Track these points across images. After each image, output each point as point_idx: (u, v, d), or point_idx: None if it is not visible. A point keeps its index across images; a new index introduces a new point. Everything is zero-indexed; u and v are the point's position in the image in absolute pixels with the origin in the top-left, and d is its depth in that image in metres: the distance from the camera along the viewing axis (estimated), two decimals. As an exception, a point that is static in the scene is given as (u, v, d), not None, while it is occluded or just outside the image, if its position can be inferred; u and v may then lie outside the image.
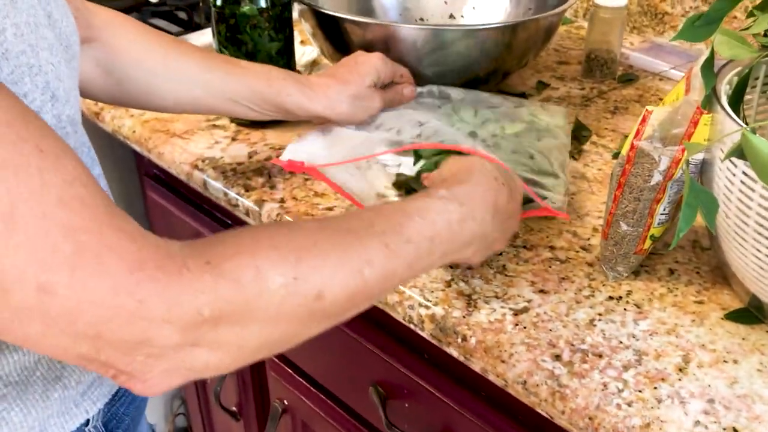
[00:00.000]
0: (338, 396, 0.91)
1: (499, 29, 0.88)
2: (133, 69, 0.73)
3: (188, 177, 0.87)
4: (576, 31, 1.24)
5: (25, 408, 0.56)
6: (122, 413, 0.68)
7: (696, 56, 1.10)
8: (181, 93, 0.75)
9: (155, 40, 0.74)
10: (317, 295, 0.45)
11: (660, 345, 0.60)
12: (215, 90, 0.75)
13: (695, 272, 0.69)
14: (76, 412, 0.60)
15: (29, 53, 0.46)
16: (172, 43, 0.75)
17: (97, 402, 0.62)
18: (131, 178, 1.18)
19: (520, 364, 0.59)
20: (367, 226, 0.50)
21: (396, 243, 0.50)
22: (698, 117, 0.59)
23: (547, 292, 0.66)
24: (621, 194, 0.64)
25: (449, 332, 0.63)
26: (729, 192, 0.58)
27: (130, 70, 0.73)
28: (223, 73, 0.75)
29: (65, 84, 0.49)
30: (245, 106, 0.76)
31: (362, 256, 0.48)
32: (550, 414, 0.58)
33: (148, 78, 0.74)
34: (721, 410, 0.55)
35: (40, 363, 0.55)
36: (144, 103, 0.76)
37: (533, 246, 0.72)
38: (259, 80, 0.75)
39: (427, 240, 0.52)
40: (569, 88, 1.04)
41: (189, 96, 0.75)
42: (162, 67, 0.74)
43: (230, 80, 0.75)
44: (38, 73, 0.46)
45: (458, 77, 0.90)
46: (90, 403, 0.61)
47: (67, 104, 0.49)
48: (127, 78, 0.73)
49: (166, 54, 0.74)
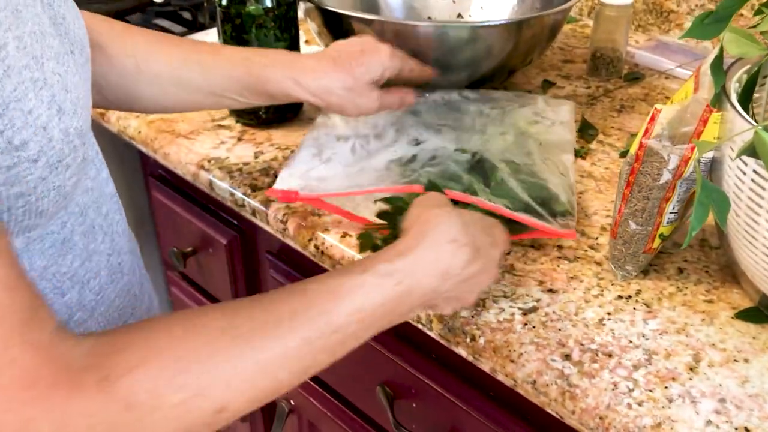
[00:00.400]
0: (345, 396, 0.90)
1: (505, 26, 0.88)
2: (107, 78, 0.70)
3: (194, 177, 0.87)
4: (581, 29, 1.24)
5: None
6: None
7: (702, 55, 1.10)
8: (158, 95, 0.72)
9: (128, 40, 0.71)
10: (219, 408, 0.44)
11: (670, 344, 0.60)
12: (193, 87, 0.72)
13: (704, 271, 0.68)
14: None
15: (33, 66, 0.44)
16: (144, 42, 0.72)
17: None
18: (136, 179, 1.18)
19: (529, 364, 0.59)
20: (290, 318, 0.47)
21: (320, 336, 0.48)
22: (708, 115, 0.59)
23: (556, 292, 0.66)
24: (630, 193, 0.64)
25: (458, 332, 0.63)
26: (739, 190, 0.58)
27: (105, 79, 0.70)
28: (199, 68, 0.71)
29: (73, 94, 0.47)
30: (229, 98, 0.73)
31: (277, 361, 0.46)
32: (560, 414, 0.58)
33: (123, 85, 0.71)
34: (732, 410, 0.54)
35: None
36: (127, 107, 0.74)
37: (541, 245, 0.72)
38: (238, 69, 0.71)
39: (357, 322, 0.50)
40: (575, 86, 1.04)
41: (168, 97, 0.73)
42: (135, 70, 0.70)
43: (208, 74, 0.71)
44: (43, 86, 0.44)
45: (464, 74, 0.90)
46: None
47: (75, 116, 0.47)
48: (104, 85, 0.70)
49: (138, 55, 0.71)
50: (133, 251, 0.65)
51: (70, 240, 0.53)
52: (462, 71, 0.90)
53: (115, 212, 0.61)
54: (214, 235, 0.97)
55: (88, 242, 0.56)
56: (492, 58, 0.89)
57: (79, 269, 0.55)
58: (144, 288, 0.67)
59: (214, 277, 1.04)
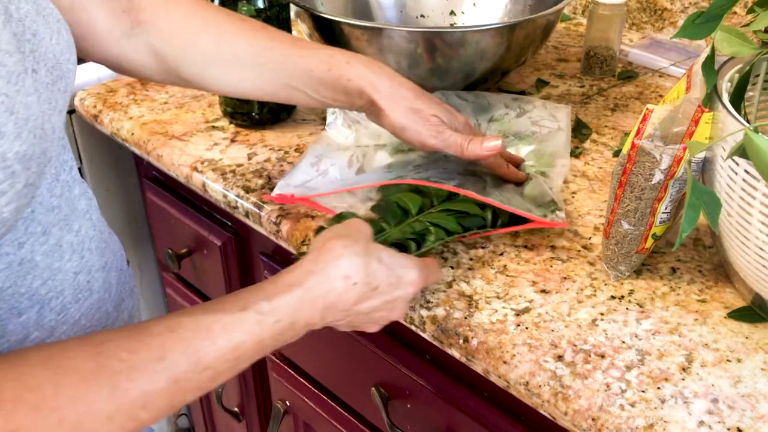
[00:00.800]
0: (340, 397, 0.90)
1: (497, 29, 0.88)
2: (184, 53, 0.69)
3: (187, 179, 0.87)
4: (575, 28, 1.24)
5: None
6: None
7: (696, 53, 1.10)
8: (233, 79, 0.71)
9: (211, 18, 0.70)
10: None
11: (663, 344, 0.60)
12: (271, 75, 0.70)
13: (697, 271, 0.68)
14: None
15: None
16: (228, 23, 0.70)
17: None
18: (131, 181, 1.18)
19: (522, 365, 0.59)
20: (158, 359, 0.46)
21: (189, 375, 0.47)
22: (699, 115, 0.59)
23: (549, 292, 0.66)
24: (622, 193, 0.64)
25: (451, 333, 0.63)
26: (731, 191, 0.58)
27: (182, 54, 0.69)
28: (282, 58, 0.70)
29: (20, 116, 0.44)
30: (303, 91, 0.71)
31: (139, 403, 0.45)
32: (553, 415, 0.58)
33: (201, 63, 0.70)
34: (725, 410, 0.54)
35: None
36: (202, 87, 0.73)
37: (534, 246, 0.71)
38: (320, 64, 0.69)
39: (231, 360, 0.50)
40: (569, 85, 1.04)
41: (243, 82, 0.71)
42: (215, 50, 0.69)
43: (288, 64, 0.70)
44: None
45: (456, 77, 0.90)
46: None
47: (18, 140, 0.43)
48: (180, 63, 0.69)
49: (220, 36, 0.69)
50: (109, 267, 0.63)
51: (30, 260, 0.52)
52: (455, 75, 0.90)
53: (88, 229, 0.60)
54: (209, 236, 0.97)
55: (51, 261, 0.54)
56: (485, 60, 0.89)
57: (41, 288, 0.53)
58: (124, 305, 0.65)
59: (209, 278, 1.04)
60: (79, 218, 0.58)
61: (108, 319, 0.62)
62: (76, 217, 0.58)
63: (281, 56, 0.70)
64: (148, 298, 1.31)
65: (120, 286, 0.65)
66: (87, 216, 0.60)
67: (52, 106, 0.50)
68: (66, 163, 0.59)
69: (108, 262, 0.62)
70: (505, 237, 0.72)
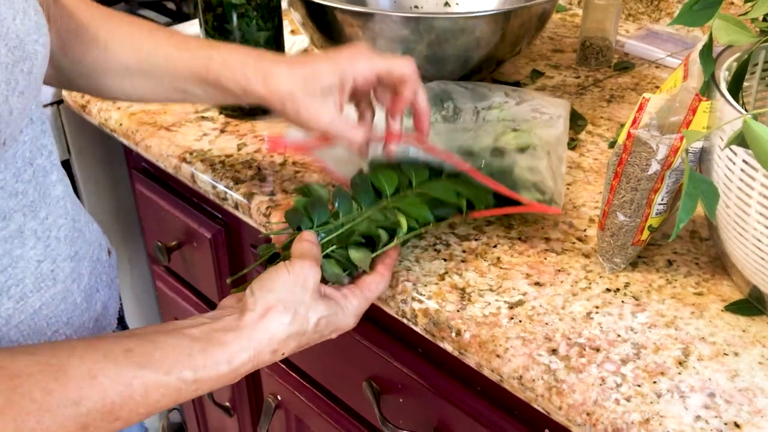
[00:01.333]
0: (332, 391, 0.89)
1: (492, 16, 0.86)
2: (82, 60, 0.68)
3: (176, 170, 0.85)
4: (570, 18, 1.22)
5: None
6: None
7: (692, 43, 1.08)
8: (126, 86, 0.70)
9: (106, 25, 0.68)
10: None
11: (659, 338, 0.59)
12: (158, 81, 0.68)
13: (694, 263, 0.67)
14: None
15: None
16: (120, 31, 0.68)
17: None
18: (121, 172, 1.17)
19: (515, 359, 0.58)
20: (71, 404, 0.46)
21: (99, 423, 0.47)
22: (697, 104, 0.58)
23: (543, 285, 0.65)
24: (618, 184, 0.62)
25: (443, 326, 0.62)
26: (729, 181, 0.56)
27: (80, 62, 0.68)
28: (164, 62, 0.68)
29: None
30: (192, 93, 0.69)
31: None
32: (547, 410, 0.57)
33: (92, 76, 0.69)
34: (722, 404, 0.53)
35: None
36: (98, 95, 0.72)
37: (528, 237, 0.70)
38: (200, 67, 0.66)
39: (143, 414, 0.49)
40: (564, 76, 1.02)
41: (136, 89, 0.70)
42: (104, 59, 0.68)
43: (172, 69, 0.68)
44: None
45: (451, 65, 0.89)
46: None
47: None
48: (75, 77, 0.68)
49: (109, 44, 0.68)
50: (81, 257, 0.61)
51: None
52: (450, 63, 0.88)
53: (59, 217, 0.58)
54: (199, 228, 0.96)
55: (11, 248, 0.53)
56: (480, 48, 0.88)
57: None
58: (98, 296, 0.64)
59: (199, 271, 1.03)
60: (49, 205, 0.57)
61: (75, 310, 0.61)
62: (45, 204, 0.57)
63: (165, 61, 0.68)
64: (138, 291, 1.29)
65: (94, 277, 0.63)
66: (60, 204, 0.59)
67: (11, 87, 0.49)
68: (45, 147, 0.57)
69: (79, 252, 0.61)
70: (498, 229, 0.71)
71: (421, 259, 0.68)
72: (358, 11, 0.86)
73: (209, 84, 0.67)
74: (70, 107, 1.01)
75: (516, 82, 1.00)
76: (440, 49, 0.86)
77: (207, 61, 0.66)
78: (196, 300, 1.08)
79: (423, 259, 0.68)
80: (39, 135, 0.57)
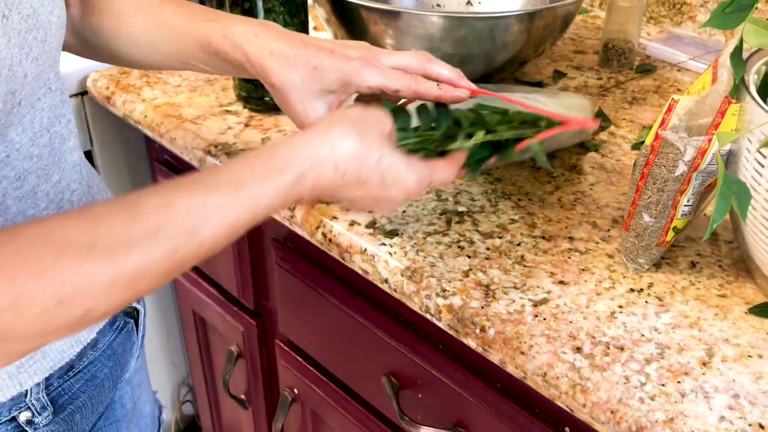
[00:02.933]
0: (349, 386, 0.90)
1: (517, 17, 0.87)
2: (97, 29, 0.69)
3: (201, 163, 0.86)
4: (592, 20, 1.23)
5: None
6: (77, 389, 0.66)
7: (714, 47, 1.08)
8: (136, 55, 0.70)
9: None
10: (84, 313, 0.44)
11: (683, 338, 0.59)
12: (166, 52, 0.69)
13: (717, 265, 0.67)
14: (8, 384, 0.60)
15: None
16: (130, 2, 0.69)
17: (34, 376, 0.61)
18: (142, 165, 1.17)
19: (540, 356, 0.58)
20: (153, 233, 0.46)
21: (185, 247, 0.48)
22: (726, 106, 0.58)
23: (567, 284, 0.65)
24: (644, 185, 0.63)
25: (467, 323, 0.62)
26: (756, 184, 0.57)
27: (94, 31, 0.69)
28: (171, 35, 0.68)
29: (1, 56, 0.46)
30: (199, 66, 0.69)
31: (138, 271, 0.46)
32: (571, 407, 0.57)
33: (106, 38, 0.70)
34: (746, 405, 0.53)
35: None
36: (112, 62, 0.73)
37: (552, 236, 0.71)
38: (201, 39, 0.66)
39: (224, 234, 0.50)
40: (586, 77, 1.03)
41: (145, 58, 0.70)
42: (116, 29, 0.69)
43: (178, 42, 0.68)
44: None
45: (475, 65, 0.89)
46: (26, 377, 0.61)
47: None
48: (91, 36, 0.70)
49: (121, 14, 0.69)
50: None
51: (2, 203, 0.53)
52: (473, 63, 0.89)
53: (72, 181, 0.60)
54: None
55: (25, 207, 0.55)
56: (505, 49, 0.88)
57: None
58: None
59: (219, 264, 1.03)
60: (63, 170, 0.59)
61: None
62: (59, 169, 0.58)
63: (171, 32, 0.68)
64: (156, 283, 1.30)
65: None
66: (76, 169, 0.61)
67: (24, 52, 0.51)
68: (63, 116, 0.59)
69: None
70: (522, 227, 0.72)
71: (445, 256, 0.68)
72: (384, 9, 0.86)
73: (212, 56, 0.66)
74: (95, 99, 1.02)
75: (538, 82, 1.00)
76: (465, 49, 0.86)
77: (209, 32, 0.66)
78: (215, 293, 1.09)
79: (447, 256, 0.68)
80: (58, 104, 0.59)
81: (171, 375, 1.44)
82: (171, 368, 1.43)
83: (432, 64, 0.65)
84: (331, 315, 0.85)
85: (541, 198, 0.76)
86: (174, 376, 1.45)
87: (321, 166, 0.54)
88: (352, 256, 0.71)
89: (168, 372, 1.43)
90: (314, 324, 0.90)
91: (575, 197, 0.76)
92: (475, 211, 0.74)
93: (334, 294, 0.83)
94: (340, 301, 0.83)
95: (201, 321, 1.20)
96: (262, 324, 1.04)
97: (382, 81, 0.62)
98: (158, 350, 1.38)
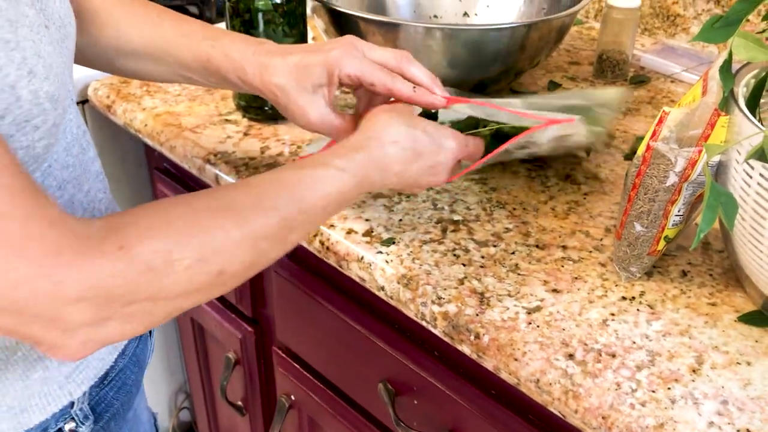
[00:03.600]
0: (346, 392, 0.91)
1: (513, 29, 0.88)
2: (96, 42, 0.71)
3: (200, 171, 0.87)
4: (587, 31, 1.24)
5: (4, 388, 0.56)
6: (111, 397, 0.68)
7: (707, 59, 1.10)
8: (136, 68, 0.73)
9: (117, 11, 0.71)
10: (219, 271, 0.49)
11: (673, 346, 0.60)
12: (166, 67, 0.71)
13: (708, 274, 0.69)
14: (59, 394, 0.61)
15: (7, 28, 0.45)
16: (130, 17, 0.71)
17: (81, 385, 0.62)
18: (140, 172, 1.19)
19: (533, 363, 0.59)
20: (267, 199, 0.53)
21: (292, 216, 0.54)
22: (716, 119, 0.59)
23: (560, 292, 0.66)
24: (636, 195, 0.64)
25: (462, 330, 0.63)
26: (745, 194, 0.58)
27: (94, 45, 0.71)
28: (172, 50, 0.70)
29: (46, 61, 0.49)
30: (196, 79, 0.71)
31: (260, 233, 0.52)
32: (563, 413, 0.58)
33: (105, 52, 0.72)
34: (734, 411, 0.55)
35: (21, 343, 0.56)
36: (111, 73, 0.76)
37: (546, 245, 0.72)
38: (195, 55, 0.69)
39: (320, 208, 0.57)
40: (581, 88, 1.04)
41: (146, 71, 0.73)
42: (115, 44, 0.71)
43: (178, 57, 0.70)
44: (15, 48, 0.46)
45: (471, 76, 0.90)
46: (74, 386, 0.62)
47: (47, 81, 0.49)
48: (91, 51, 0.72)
49: (120, 30, 0.71)
50: None
51: None
52: (470, 73, 0.90)
53: (98, 191, 0.62)
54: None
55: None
56: (500, 60, 0.89)
57: None
58: None
59: (217, 271, 1.04)
60: (90, 180, 0.61)
61: None
62: (86, 179, 0.60)
63: (170, 47, 0.71)
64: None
65: None
66: (99, 178, 0.63)
67: (64, 61, 0.54)
68: (80, 127, 0.61)
69: None
70: (516, 236, 0.73)
71: (440, 264, 0.69)
72: (382, 20, 0.88)
73: (210, 72, 0.70)
74: (95, 107, 1.03)
75: (533, 93, 1.01)
76: (461, 59, 0.88)
77: (209, 50, 0.69)
78: (213, 300, 1.09)
79: (442, 264, 0.69)
80: (76, 114, 0.61)
81: (168, 382, 1.45)
82: (168, 375, 1.44)
83: (410, 65, 0.68)
84: (328, 322, 0.86)
85: (536, 207, 0.77)
86: (171, 383, 1.46)
87: (383, 145, 0.62)
88: (349, 264, 0.72)
89: (165, 379, 1.43)
90: (311, 331, 0.91)
91: (569, 206, 0.78)
92: (470, 219, 0.75)
93: (331, 301, 0.84)
94: (337, 309, 0.84)
95: (199, 328, 1.21)
96: (259, 331, 1.05)
97: (360, 69, 0.66)
98: (156, 357, 1.39)
